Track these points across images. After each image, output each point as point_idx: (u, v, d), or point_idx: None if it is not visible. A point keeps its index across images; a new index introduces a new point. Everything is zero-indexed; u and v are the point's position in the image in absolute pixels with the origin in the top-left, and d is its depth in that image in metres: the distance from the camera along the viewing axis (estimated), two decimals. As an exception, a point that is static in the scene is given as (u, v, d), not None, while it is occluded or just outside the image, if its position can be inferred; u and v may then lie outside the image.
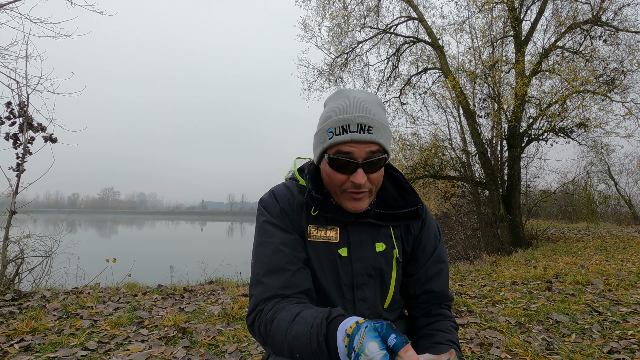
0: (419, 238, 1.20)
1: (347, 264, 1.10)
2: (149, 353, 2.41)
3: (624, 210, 20.03)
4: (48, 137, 4.58)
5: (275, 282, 0.99)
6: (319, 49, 12.20)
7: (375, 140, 1.00)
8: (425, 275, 1.17)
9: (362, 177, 0.99)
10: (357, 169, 1.00)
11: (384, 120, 1.06)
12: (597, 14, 9.42)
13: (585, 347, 2.47)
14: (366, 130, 0.99)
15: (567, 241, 10.45)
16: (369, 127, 0.99)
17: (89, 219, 71.74)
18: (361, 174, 0.99)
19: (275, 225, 1.08)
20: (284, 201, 1.12)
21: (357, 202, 1.04)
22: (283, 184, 1.19)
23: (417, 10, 11.44)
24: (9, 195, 4.35)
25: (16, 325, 2.76)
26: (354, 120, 0.99)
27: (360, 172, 0.99)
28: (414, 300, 1.19)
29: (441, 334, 1.10)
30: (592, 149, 11.44)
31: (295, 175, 1.19)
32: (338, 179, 1.03)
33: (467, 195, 12.88)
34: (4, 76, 4.46)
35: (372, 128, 0.99)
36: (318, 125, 1.10)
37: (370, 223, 1.11)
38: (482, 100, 11.03)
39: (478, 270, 5.88)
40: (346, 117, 1.00)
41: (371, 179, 1.03)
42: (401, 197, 1.18)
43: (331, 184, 1.06)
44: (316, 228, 1.09)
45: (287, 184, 1.18)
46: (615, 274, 4.78)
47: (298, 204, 1.11)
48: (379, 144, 1.01)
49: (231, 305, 3.52)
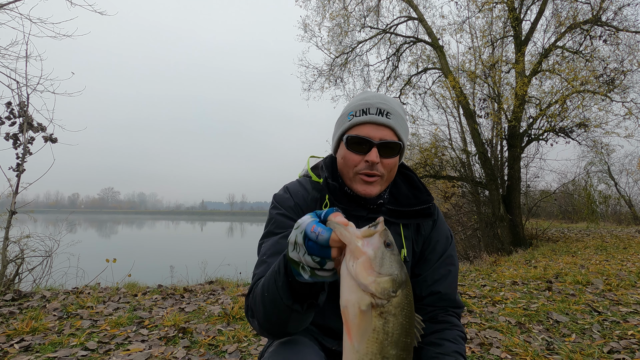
0: (429, 238, 1.19)
1: None
2: (149, 353, 2.41)
3: (624, 210, 20.03)
4: (48, 137, 4.58)
5: None
6: (319, 49, 12.21)
7: (392, 125, 1.06)
8: (432, 276, 1.15)
9: (376, 156, 1.04)
10: (372, 148, 1.05)
11: (402, 115, 1.11)
12: (597, 13, 9.41)
13: (585, 347, 2.47)
14: (385, 114, 1.06)
15: (567, 241, 10.45)
16: (387, 113, 1.06)
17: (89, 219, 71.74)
18: (375, 153, 1.04)
19: (288, 217, 1.11)
20: (299, 197, 1.15)
21: (369, 186, 1.08)
22: (297, 181, 1.23)
23: (417, 10, 11.44)
24: (9, 195, 4.35)
25: (16, 325, 2.76)
26: (374, 104, 1.06)
27: (375, 152, 1.04)
28: (419, 302, 1.15)
29: (447, 344, 1.06)
30: (592, 149, 11.44)
31: (309, 172, 1.23)
32: (353, 159, 1.07)
33: (467, 195, 12.88)
34: (4, 76, 4.46)
35: (390, 114, 1.06)
36: (340, 115, 1.17)
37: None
38: (482, 100, 11.03)
39: (478, 270, 5.88)
40: (367, 102, 1.08)
41: (385, 164, 1.07)
42: (414, 195, 1.20)
43: (345, 167, 1.10)
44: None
45: (301, 181, 1.22)
46: (615, 274, 4.78)
47: (312, 199, 1.15)
48: (395, 130, 1.07)
49: (231, 305, 3.51)
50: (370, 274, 0.62)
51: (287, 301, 0.80)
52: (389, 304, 0.63)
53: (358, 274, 0.62)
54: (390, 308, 0.63)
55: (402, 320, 0.65)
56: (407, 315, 0.66)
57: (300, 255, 0.68)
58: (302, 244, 0.67)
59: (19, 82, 4.48)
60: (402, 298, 0.65)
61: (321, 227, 0.66)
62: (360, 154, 1.06)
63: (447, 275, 1.16)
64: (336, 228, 0.65)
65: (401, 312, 0.64)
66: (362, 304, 0.62)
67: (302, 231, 0.68)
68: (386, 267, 0.64)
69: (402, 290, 0.65)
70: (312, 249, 0.66)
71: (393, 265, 0.65)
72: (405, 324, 0.65)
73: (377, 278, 0.62)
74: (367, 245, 0.64)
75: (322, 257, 0.66)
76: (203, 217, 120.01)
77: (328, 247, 0.65)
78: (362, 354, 0.63)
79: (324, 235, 0.64)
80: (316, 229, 0.66)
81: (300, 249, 0.68)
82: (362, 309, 0.62)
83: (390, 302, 0.63)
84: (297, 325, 0.87)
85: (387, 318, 0.63)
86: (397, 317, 0.64)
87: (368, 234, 0.65)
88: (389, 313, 0.63)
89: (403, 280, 0.65)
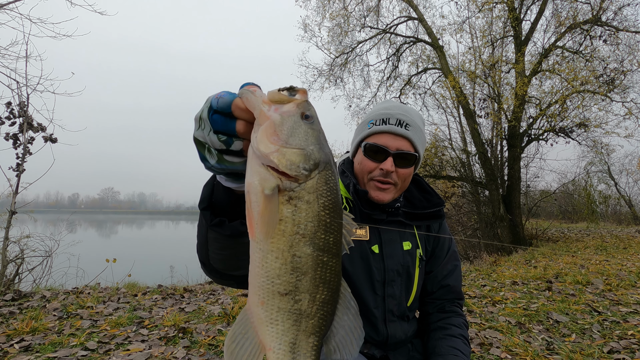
0: (438, 237, 1.29)
1: (380, 260, 1.15)
2: (149, 353, 2.41)
3: (624, 210, 20.02)
4: (48, 137, 4.58)
5: None
6: (319, 49, 12.21)
7: (410, 137, 1.10)
8: (442, 272, 1.26)
9: (391, 165, 1.09)
10: (387, 158, 1.09)
11: (421, 127, 1.16)
12: (597, 14, 9.41)
13: (585, 347, 2.47)
14: (404, 125, 1.10)
15: (567, 241, 10.45)
16: (406, 124, 1.10)
17: (89, 219, 71.73)
18: (390, 162, 1.09)
19: None
20: None
21: (382, 193, 1.12)
22: None
23: (417, 10, 11.44)
24: (9, 195, 4.35)
25: (16, 325, 2.76)
26: (394, 115, 1.11)
27: (390, 161, 1.09)
28: (429, 296, 1.26)
29: (453, 328, 1.17)
30: (592, 149, 11.44)
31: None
32: (368, 166, 1.12)
33: (467, 195, 12.88)
34: (4, 76, 4.46)
35: (409, 126, 1.11)
36: (361, 121, 1.21)
37: (399, 222, 1.20)
38: (482, 100, 11.03)
39: (478, 270, 5.87)
40: (388, 112, 1.12)
41: (399, 174, 1.11)
42: (425, 199, 1.28)
43: (361, 172, 1.15)
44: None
45: None
46: (615, 274, 4.78)
47: None
48: (412, 142, 1.11)
49: (231, 305, 3.52)
50: (273, 142, 0.49)
51: (200, 206, 0.69)
52: (300, 187, 0.50)
53: (259, 142, 0.49)
54: (302, 193, 0.50)
55: (320, 211, 0.51)
56: (328, 207, 0.51)
57: (205, 134, 0.56)
58: (207, 118, 0.55)
59: (19, 82, 4.49)
60: (321, 182, 0.51)
61: (226, 93, 0.54)
62: (376, 161, 1.11)
63: (454, 270, 1.27)
64: (242, 93, 0.52)
65: (317, 201, 0.51)
66: (265, 186, 0.48)
67: (208, 102, 0.56)
68: (298, 138, 0.50)
69: (320, 173, 0.51)
70: (216, 123, 0.54)
71: (309, 140, 0.51)
72: (325, 217, 0.51)
73: (282, 148, 0.49)
74: (276, 111, 0.50)
75: (227, 134, 0.54)
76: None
77: (233, 118, 0.53)
78: (266, 250, 0.50)
79: (225, 98, 0.53)
80: (220, 94, 0.54)
81: (205, 125, 0.55)
82: (265, 193, 0.48)
83: (302, 186, 0.50)
84: (220, 253, 0.74)
85: (298, 205, 0.50)
86: (312, 205, 0.50)
87: (279, 98, 0.51)
88: (301, 199, 0.50)
89: (321, 160, 0.51)
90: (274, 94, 0.51)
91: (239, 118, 0.53)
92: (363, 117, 1.22)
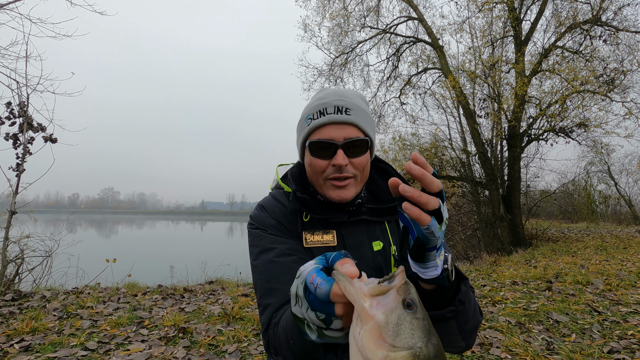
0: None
1: None
2: (149, 353, 2.41)
3: (624, 210, 20.02)
4: (48, 137, 4.58)
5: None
6: (319, 49, 12.21)
7: (353, 121, 0.98)
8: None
9: (342, 158, 0.96)
10: (337, 151, 0.97)
11: (364, 107, 1.04)
12: (597, 13, 9.42)
13: (585, 347, 2.47)
14: (343, 111, 0.98)
15: (567, 241, 10.45)
16: (346, 109, 0.98)
17: (88, 219, 71.73)
18: (341, 155, 0.97)
19: (274, 234, 1.04)
20: (277, 213, 1.07)
21: (342, 190, 1.00)
22: (270, 196, 1.15)
23: (417, 10, 11.44)
24: (9, 195, 4.35)
25: (16, 325, 2.76)
26: (330, 103, 0.99)
27: (341, 153, 0.97)
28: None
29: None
30: (592, 149, 11.44)
31: (279, 183, 1.16)
32: (319, 165, 1.00)
33: (467, 195, 12.88)
34: (4, 76, 4.47)
35: (349, 110, 0.99)
36: (299, 119, 1.09)
37: (365, 220, 1.07)
38: (482, 100, 11.03)
39: (478, 270, 5.88)
40: (323, 101, 1.00)
41: (354, 164, 0.99)
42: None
43: (314, 174, 1.03)
44: (311, 233, 1.04)
45: (274, 195, 1.14)
46: (615, 274, 4.78)
47: (291, 211, 1.06)
48: (357, 126, 0.99)
49: (231, 305, 3.51)
50: (380, 347, 0.46)
51: (319, 354, 0.67)
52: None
53: (365, 347, 0.46)
54: None
55: None
56: None
57: (303, 311, 0.56)
58: (304, 297, 0.55)
59: (19, 82, 4.49)
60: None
61: (321, 277, 0.54)
62: (326, 158, 0.98)
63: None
64: (339, 280, 0.51)
65: None
66: None
67: (303, 281, 0.56)
68: (404, 337, 0.47)
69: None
70: (314, 303, 0.54)
71: (415, 334, 0.47)
72: None
73: (391, 353, 0.45)
74: (378, 307, 0.48)
75: (326, 314, 0.53)
76: (203, 217, 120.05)
77: (331, 302, 0.53)
78: None
79: (323, 289, 0.52)
80: (315, 279, 0.54)
81: (302, 303, 0.56)
82: None
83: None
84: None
85: None
86: None
87: (379, 291, 0.49)
88: None
89: (430, 356, 0.47)
90: (375, 288, 0.50)
91: (337, 302, 0.53)
92: (301, 113, 1.08)
